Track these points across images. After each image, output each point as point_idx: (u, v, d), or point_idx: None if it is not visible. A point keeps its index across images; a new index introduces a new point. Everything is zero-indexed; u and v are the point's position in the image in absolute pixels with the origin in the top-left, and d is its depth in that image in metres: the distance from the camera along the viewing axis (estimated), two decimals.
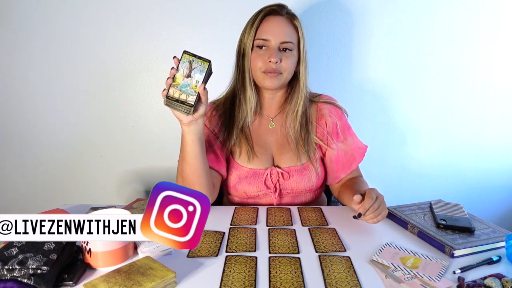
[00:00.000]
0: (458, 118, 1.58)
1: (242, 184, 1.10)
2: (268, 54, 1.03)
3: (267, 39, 1.03)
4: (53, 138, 1.59)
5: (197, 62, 0.87)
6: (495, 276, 0.69)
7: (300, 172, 1.10)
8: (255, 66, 1.05)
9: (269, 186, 1.09)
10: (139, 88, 1.53)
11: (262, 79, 1.06)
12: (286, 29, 1.04)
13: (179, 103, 0.86)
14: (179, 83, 0.86)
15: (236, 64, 1.11)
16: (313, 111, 1.14)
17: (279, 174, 1.09)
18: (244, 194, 1.11)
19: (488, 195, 1.68)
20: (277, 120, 1.15)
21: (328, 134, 1.13)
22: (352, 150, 1.14)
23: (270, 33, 1.03)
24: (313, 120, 1.13)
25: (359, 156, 1.14)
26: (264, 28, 1.04)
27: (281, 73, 1.05)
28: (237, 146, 1.11)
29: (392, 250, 0.80)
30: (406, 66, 1.51)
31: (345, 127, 1.15)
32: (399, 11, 1.45)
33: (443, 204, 1.01)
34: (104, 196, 1.65)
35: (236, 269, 0.72)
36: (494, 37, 1.49)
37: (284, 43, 1.04)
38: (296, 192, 1.11)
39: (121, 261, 0.74)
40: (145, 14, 1.45)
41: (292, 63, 1.06)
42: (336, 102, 1.17)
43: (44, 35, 1.47)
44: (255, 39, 1.04)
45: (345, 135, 1.14)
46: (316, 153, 1.12)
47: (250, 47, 1.05)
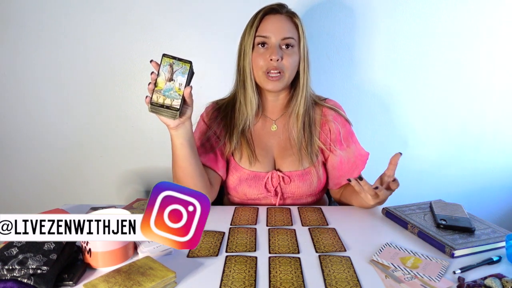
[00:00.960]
0: (458, 118, 1.58)
1: (242, 186, 1.10)
2: (269, 52, 1.02)
3: (267, 36, 1.02)
4: (53, 138, 1.59)
5: (178, 64, 0.84)
6: (495, 276, 0.69)
7: (301, 176, 1.09)
8: (256, 65, 1.04)
9: (269, 190, 1.09)
10: (139, 88, 1.53)
11: (264, 81, 1.04)
12: (286, 26, 1.03)
13: (164, 108, 0.84)
14: (161, 88, 0.83)
15: (237, 66, 1.10)
16: (318, 115, 1.13)
17: (280, 178, 1.08)
18: (244, 196, 1.11)
19: (488, 195, 1.68)
20: (280, 122, 1.14)
21: (331, 141, 1.11)
22: (355, 157, 1.13)
23: (270, 30, 1.02)
24: (316, 124, 1.12)
25: (361, 164, 1.13)
26: (264, 26, 1.03)
27: (283, 72, 1.03)
28: (238, 150, 1.10)
29: (392, 250, 0.80)
30: (407, 66, 1.51)
31: (349, 134, 1.14)
32: (400, 11, 1.45)
33: (443, 204, 1.01)
34: (104, 196, 1.66)
35: (236, 269, 0.72)
36: (494, 37, 1.49)
37: (285, 39, 1.02)
38: (297, 196, 1.10)
39: (121, 261, 0.74)
40: (145, 14, 1.45)
41: (294, 61, 1.05)
42: (341, 111, 1.15)
43: (44, 35, 1.47)
44: (256, 36, 1.03)
45: (348, 142, 1.13)
46: (318, 157, 1.11)
47: (251, 47, 1.04)
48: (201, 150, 1.09)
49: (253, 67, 1.05)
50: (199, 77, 1.50)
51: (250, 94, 1.07)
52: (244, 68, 1.06)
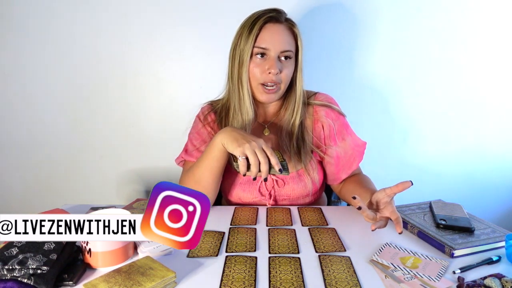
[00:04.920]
0: (458, 117, 1.58)
1: (236, 190, 1.09)
2: (268, 64, 1.00)
3: (267, 48, 1.00)
4: (53, 138, 1.60)
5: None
6: (495, 276, 0.69)
7: (295, 178, 1.08)
8: (252, 75, 1.02)
9: (263, 193, 1.08)
10: (139, 88, 1.53)
11: (259, 93, 1.03)
12: (286, 38, 1.01)
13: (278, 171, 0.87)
14: None
15: (230, 73, 1.07)
16: (309, 115, 1.11)
17: (273, 182, 1.08)
18: (238, 199, 1.10)
19: (488, 195, 1.68)
20: (272, 127, 1.13)
21: (326, 138, 1.10)
22: (352, 149, 1.11)
23: (270, 42, 1.00)
24: (308, 127, 1.11)
25: (359, 155, 1.12)
26: (263, 37, 1.00)
27: (279, 84, 1.02)
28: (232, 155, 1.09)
29: (392, 250, 0.80)
30: (406, 65, 1.51)
31: (343, 127, 1.12)
32: (400, 10, 1.45)
33: (443, 204, 1.01)
34: (104, 196, 1.66)
35: (236, 269, 0.72)
36: (494, 36, 1.49)
37: (284, 51, 1.01)
38: (292, 198, 1.09)
39: (121, 261, 0.74)
40: (145, 14, 1.45)
41: (290, 72, 1.04)
42: (333, 104, 1.12)
43: (44, 35, 1.48)
44: (255, 47, 1.00)
45: (343, 135, 1.11)
46: (312, 161, 1.09)
47: (249, 55, 1.01)
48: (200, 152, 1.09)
49: (249, 77, 1.03)
50: (199, 77, 1.51)
51: (247, 104, 1.04)
52: (240, 76, 1.03)
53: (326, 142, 1.11)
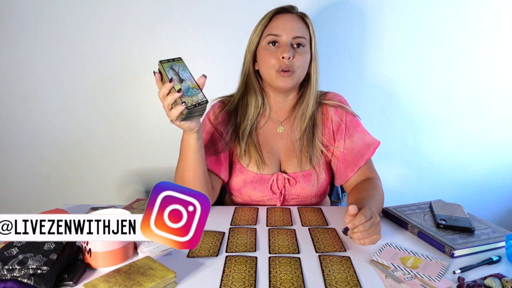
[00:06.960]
0: (458, 117, 1.58)
1: (247, 188, 1.09)
2: (280, 50, 1.00)
3: (278, 34, 1.01)
4: (53, 138, 1.60)
5: (175, 64, 0.85)
6: (495, 276, 0.69)
7: (305, 177, 1.08)
8: (267, 64, 1.02)
9: (274, 192, 1.08)
10: (139, 88, 1.53)
11: (275, 78, 1.02)
12: (297, 25, 1.03)
13: (198, 106, 0.84)
14: (183, 91, 0.83)
15: (242, 67, 1.10)
16: (319, 114, 1.12)
17: (285, 180, 1.08)
18: (248, 198, 1.10)
19: (488, 195, 1.68)
20: (286, 124, 1.13)
21: (334, 133, 1.10)
22: (359, 147, 1.09)
23: (282, 29, 1.01)
24: (319, 126, 1.11)
25: (368, 152, 1.08)
26: (274, 25, 1.03)
27: (294, 71, 1.02)
28: (246, 155, 1.08)
29: (392, 250, 0.80)
30: (408, 66, 1.51)
31: (352, 125, 1.10)
32: (402, 10, 1.45)
33: (443, 204, 1.01)
34: (104, 196, 1.66)
35: (236, 269, 0.72)
36: (494, 37, 1.49)
37: (297, 38, 1.01)
38: (301, 197, 1.09)
39: (121, 261, 0.74)
40: (145, 14, 1.45)
41: (305, 61, 1.04)
42: (345, 105, 1.12)
43: (44, 35, 1.48)
44: (267, 35, 1.02)
45: (352, 132, 1.10)
46: (320, 160, 1.10)
47: (255, 45, 1.04)
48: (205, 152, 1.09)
49: (264, 66, 1.04)
50: None
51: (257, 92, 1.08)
52: (248, 66, 1.07)
53: (335, 137, 1.10)
